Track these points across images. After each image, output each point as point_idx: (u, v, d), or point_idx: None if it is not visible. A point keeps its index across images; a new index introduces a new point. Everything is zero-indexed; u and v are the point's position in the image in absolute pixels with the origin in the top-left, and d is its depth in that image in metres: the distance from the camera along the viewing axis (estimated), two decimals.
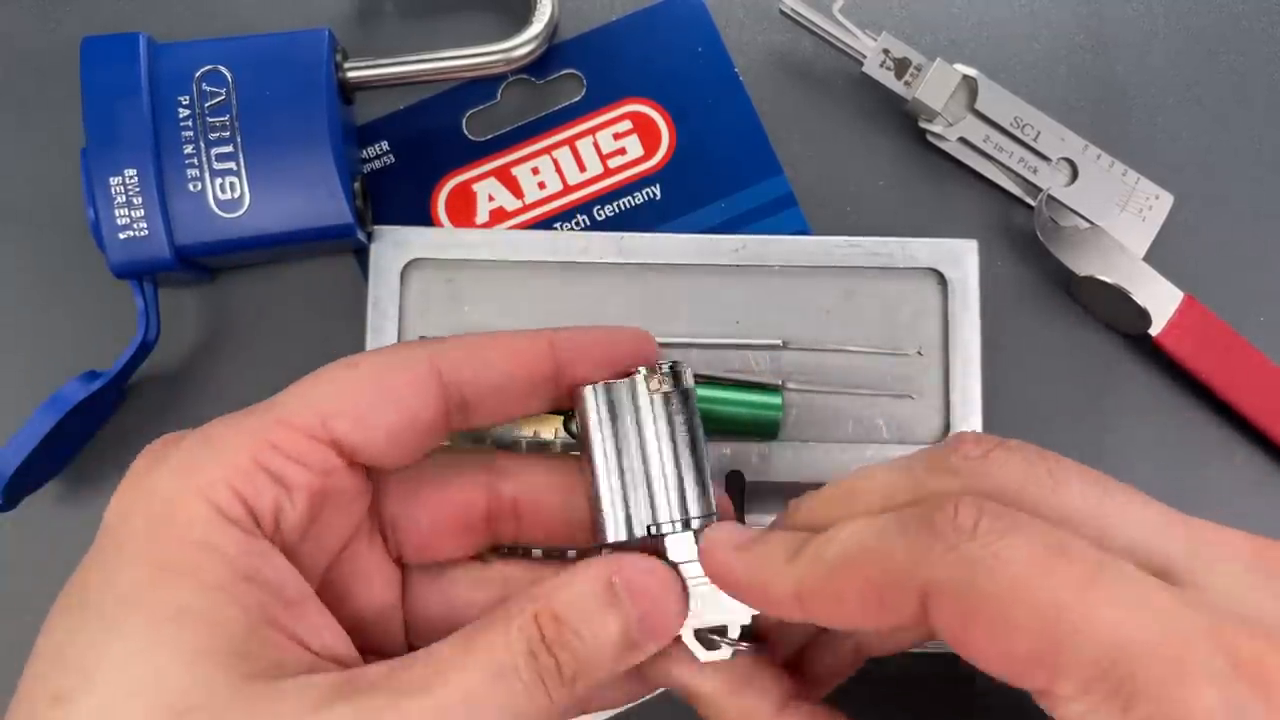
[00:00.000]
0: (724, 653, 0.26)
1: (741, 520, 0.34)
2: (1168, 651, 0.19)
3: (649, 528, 0.26)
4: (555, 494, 0.28)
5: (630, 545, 0.26)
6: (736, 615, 0.26)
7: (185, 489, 0.24)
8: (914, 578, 0.21)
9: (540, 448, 0.33)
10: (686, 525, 0.26)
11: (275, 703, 0.22)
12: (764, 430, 0.34)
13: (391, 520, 0.28)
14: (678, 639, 0.26)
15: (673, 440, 0.27)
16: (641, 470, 0.27)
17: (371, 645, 0.27)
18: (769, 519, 0.34)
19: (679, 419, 0.27)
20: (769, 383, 0.34)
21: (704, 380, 0.34)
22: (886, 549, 0.21)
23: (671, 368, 0.27)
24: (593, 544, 0.27)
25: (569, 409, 0.28)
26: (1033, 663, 0.20)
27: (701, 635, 0.26)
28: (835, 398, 0.35)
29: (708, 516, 0.27)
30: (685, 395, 0.27)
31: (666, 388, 0.27)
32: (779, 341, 0.35)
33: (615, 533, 0.27)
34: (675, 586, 0.26)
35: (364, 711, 0.22)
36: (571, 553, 0.31)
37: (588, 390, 0.27)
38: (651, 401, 0.27)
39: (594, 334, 0.28)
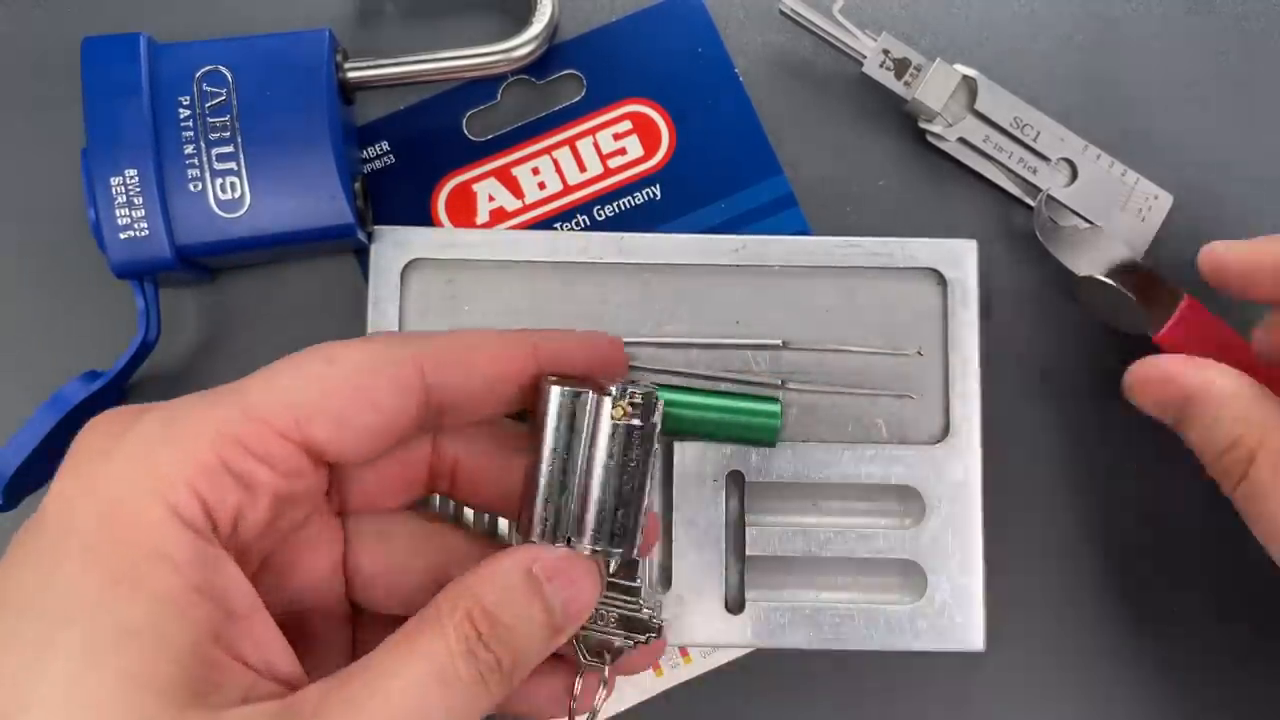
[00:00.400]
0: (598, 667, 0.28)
1: (742, 527, 0.34)
2: None
3: (570, 541, 0.27)
4: (494, 462, 0.28)
5: None
6: (630, 635, 0.28)
7: (140, 486, 0.22)
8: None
9: None
10: (606, 557, 0.27)
11: None
12: (762, 440, 0.34)
13: (338, 480, 0.27)
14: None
15: (620, 473, 0.27)
16: (581, 487, 0.27)
17: (315, 606, 0.27)
18: (769, 519, 0.34)
19: (634, 453, 0.27)
20: (768, 383, 0.34)
21: (703, 379, 0.35)
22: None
23: (644, 399, 0.26)
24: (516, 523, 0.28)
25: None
26: None
27: (591, 646, 0.28)
28: (835, 398, 0.35)
29: (628, 559, 0.28)
30: (648, 432, 0.27)
31: (633, 421, 0.26)
32: (779, 341, 0.35)
33: (539, 536, 0.27)
34: (591, 569, 0.26)
35: None
36: (502, 524, 0.32)
37: (555, 390, 0.27)
38: (613, 429, 0.26)
39: (575, 340, 0.28)
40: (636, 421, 0.26)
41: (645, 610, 0.28)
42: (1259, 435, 0.27)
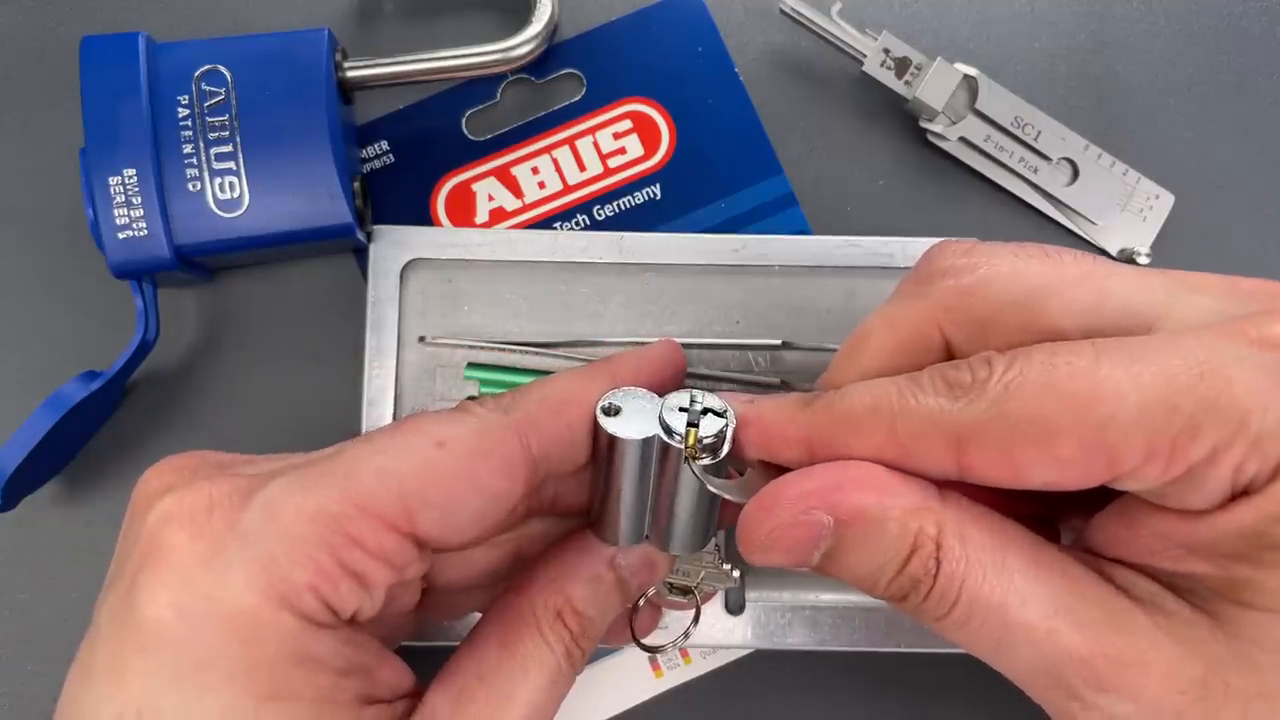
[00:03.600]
0: (661, 641, 0.31)
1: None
2: (1189, 376, 0.20)
3: (648, 538, 0.28)
4: (587, 479, 0.28)
5: None
6: (702, 582, 0.30)
7: (266, 599, 0.21)
8: (947, 426, 0.21)
9: None
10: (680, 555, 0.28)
11: None
12: None
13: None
14: None
15: (693, 494, 0.26)
16: (656, 511, 0.27)
17: (395, 615, 0.28)
18: None
19: (707, 482, 0.26)
20: (768, 382, 0.34)
21: (703, 380, 0.35)
22: (909, 403, 0.22)
23: (715, 439, 0.25)
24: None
25: None
26: (1089, 455, 0.21)
27: (675, 585, 0.30)
28: None
29: (701, 547, 0.28)
30: (720, 463, 0.26)
31: (705, 459, 0.25)
32: (779, 341, 0.35)
33: (626, 542, 0.28)
34: (663, 559, 0.28)
35: None
36: None
37: (625, 444, 0.25)
38: (683, 469, 0.25)
39: (648, 362, 0.28)
40: (708, 460, 0.25)
41: (722, 565, 0.30)
42: (935, 522, 0.22)
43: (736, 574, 0.30)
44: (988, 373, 0.21)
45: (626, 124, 0.37)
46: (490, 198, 0.37)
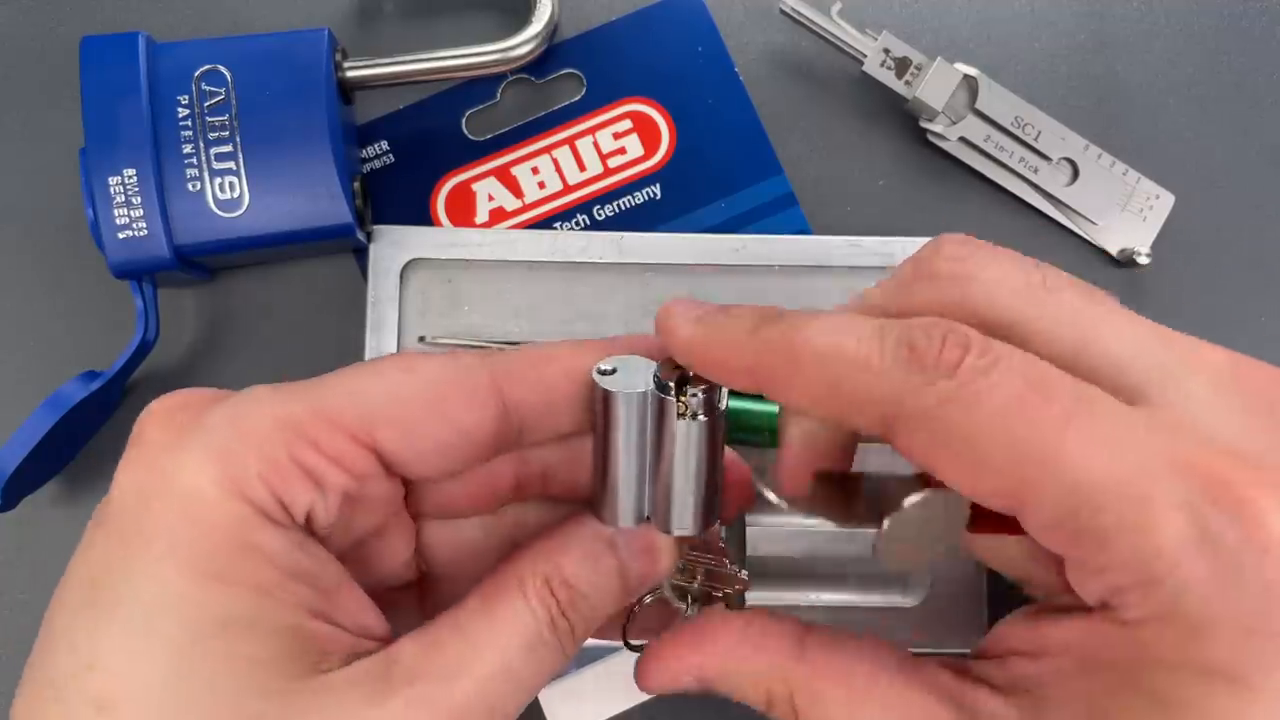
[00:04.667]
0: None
1: (742, 528, 0.34)
2: (1134, 489, 0.19)
3: (649, 519, 0.27)
4: (583, 459, 0.28)
5: None
6: (716, 587, 0.28)
7: (218, 483, 0.22)
8: (886, 399, 0.21)
9: None
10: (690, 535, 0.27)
11: (330, 702, 0.22)
12: (762, 441, 0.34)
13: (417, 491, 0.27)
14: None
15: (693, 462, 0.26)
16: (654, 479, 0.26)
17: (382, 580, 0.27)
18: (769, 520, 0.34)
19: (704, 444, 0.25)
20: None
21: None
22: (863, 359, 0.21)
23: (706, 395, 0.25)
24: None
25: None
26: (1002, 498, 0.20)
27: (677, 588, 0.28)
28: None
29: (711, 527, 0.27)
30: (715, 422, 0.25)
31: (700, 418, 0.25)
32: None
33: (625, 521, 0.26)
34: (669, 546, 0.27)
35: (413, 705, 0.22)
36: None
37: (619, 398, 0.25)
38: (678, 426, 0.25)
39: (639, 342, 0.27)
40: (702, 418, 0.25)
41: (730, 566, 0.28)
42: (782, 677, 0.24)
43: (745, 574, 0.29)
44: (957, 357, 0.20)
45: (626, 124, 0.37)
46: (490, 198, 0.37)
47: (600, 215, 0.37)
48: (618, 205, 0.37)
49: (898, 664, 0.24)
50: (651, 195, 0.37)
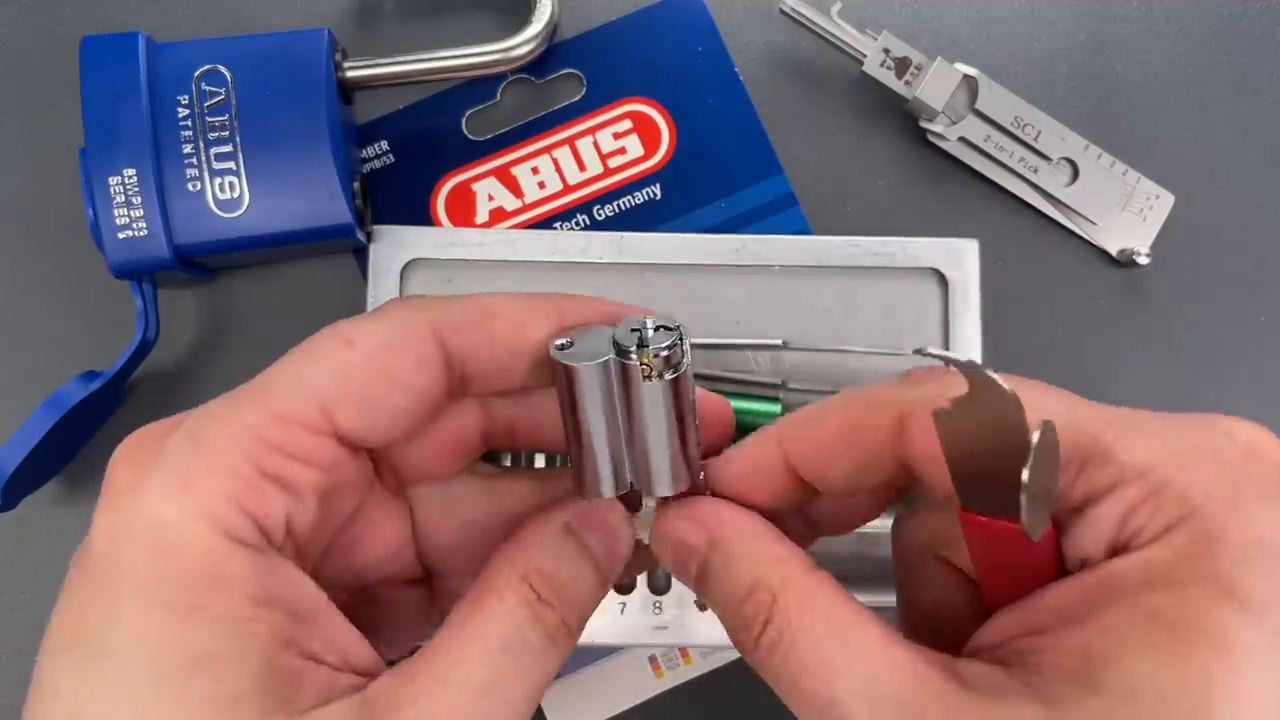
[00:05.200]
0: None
1: None
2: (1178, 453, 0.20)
3: (631, 488, 0.26)
4: (551, 407, 0.27)
5: None
6: None
7: (184, 512, 0.21)
8: (891, 405, 0.22)
9: None
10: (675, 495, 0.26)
11: None
12: None
13: (386, 460, 0.27)
14: None
15: (665, 419, 0.25)
16: (629, 444, 0.25)
17: (388, 578, 0.27)
18: None
19: (672, 399, 0.25)
20: (768, 381, 0.34)
21: (703, 380, 0.35)
22: (864, 395, 0.23)
23: (669, 350, 0.24)
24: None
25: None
26: None
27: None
28: None
29: (694, 478, 0.26)
30: (678, 378, 0.25)
31: (666, 375, 0.24)
32: (779, 341, 0.35)
33: (607, 491, 0.26)
34: (622, 516, 0.26)
35: None
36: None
37: (579, 371, 0.24)
38: (644, 388, 0.24)
39: (605, 309, 0.26)
40: (669, 375, 0.24)
41: None
42: (781, 573, 0.23)
43: None
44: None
45: (626, 124, 0.37)
46: (490, 198, 0.37)
47: (600, 215, 0.37)
48: (618, 205, 0.37)
49: (890, 626, 0.23)
50: (651, 195, 0.37)
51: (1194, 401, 0.37)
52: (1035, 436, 0.19)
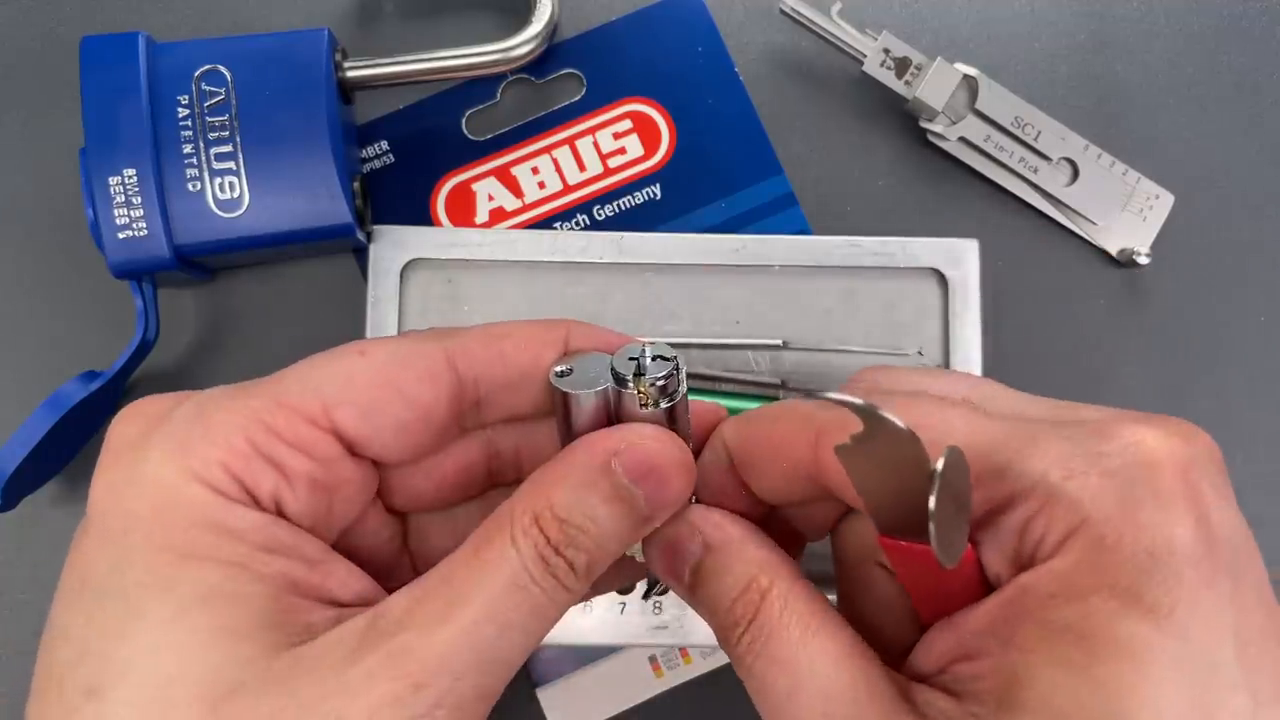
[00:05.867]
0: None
1: None
2: (1016, 442, 0.21)
3: None
4: (554, 443, 0.27)
5: None
6: None
7: (180, 473, 0.23)
8: (809, 422, 0.23)
9: None
10: None
11: (310, 667, 0.22)
12: None
13: (388, 485, 0.27)
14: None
15: None
16: None
17: (378, 578, 0.27)
18: None
19: (669, 426, 0.25)
20: (768, 381, 0.34)
21: (703, 380, 0.35)
22: (789, 408, 0.24)
23: (665, 380, 0.24)
24: None
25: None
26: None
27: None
28: None
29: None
30: (674, 407, 0.25)
31: (662, 404, 0.25)
32: (779, 341, 0.35)
33: None
34: (680, 454, 0.25)
35: (394, 657, 0.22)
36: None
37: (573, 399, 0.25)
38: (641, 416, 0.25)
39: (610, 339, 0.27)
40: (664, 404, 0.24)
41: None
42: (770, 575, 0.24)
43: None
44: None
45: (626, 124, 0.37)
46: (490, 198, 0.37)
47: (600, 215, 0.37)
48: (618, 205, 0.37)
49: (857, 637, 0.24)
50: (651, 195, 0.37)
51: (1194, 401, 0.37)
52: (940, 464, 0.19)
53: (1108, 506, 0.20)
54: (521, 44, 0.35)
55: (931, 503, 0.19)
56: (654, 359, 0.24)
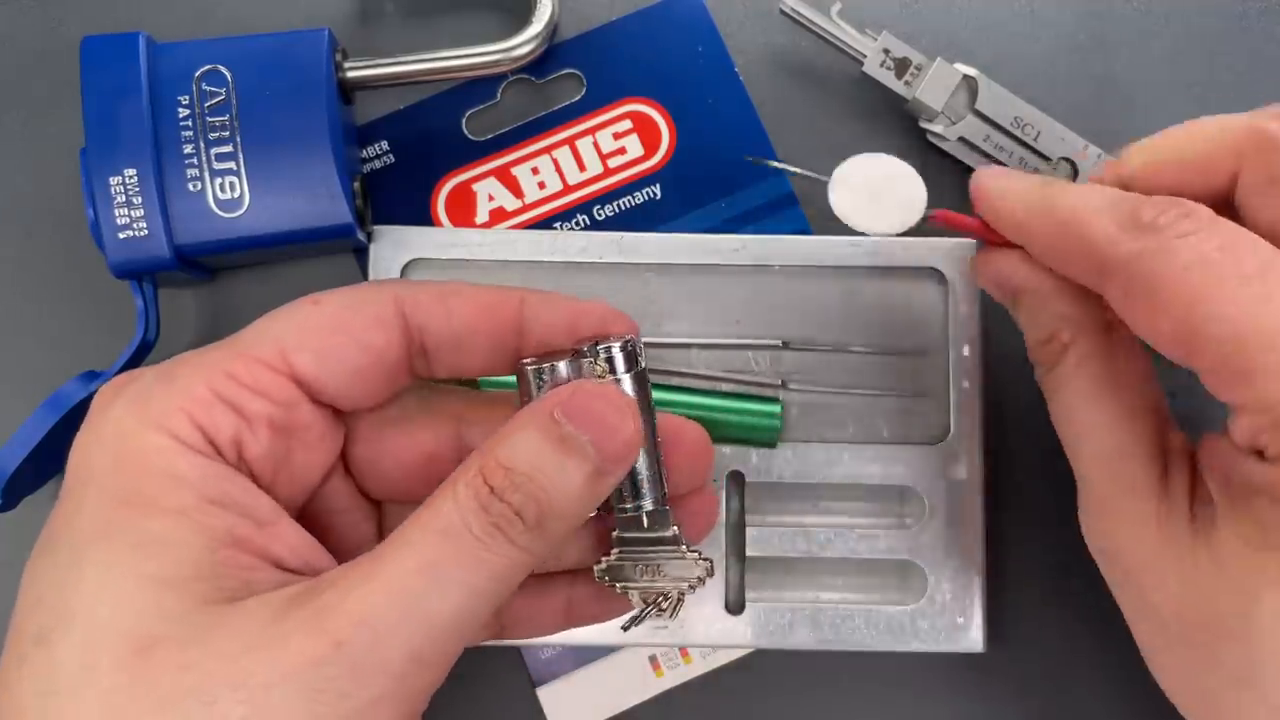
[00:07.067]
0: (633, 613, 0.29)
1: (742, 528, 0.34)
2: None
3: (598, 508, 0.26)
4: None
5: None
6: (675, 585, 0.28)
7: (142, 421, 0.23)
8: (1099, 249, 0.25)
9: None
10: (639, 509, 0.27)
11: (235, 622, 0.21)
12: (762, 441, 0.34)
13: (358, 466, 0.28)
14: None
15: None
16: None
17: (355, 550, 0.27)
18: (770, 520, 0.34)
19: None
20: (768, 383, 0.34)
21: (703, 379, 0.35)
22: (1094, 215, 0.26)
23: (609, 355, 0.25)
24: None
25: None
26: (1174, 341, 0.24)
27: (648, 597, 0.28)
28: (835, 398, 0.35)
29: (658, 498, 0.27)
30: (636, 378, 0.26)
31: (616, 378, 0.25)
32: (779, 341, 0.35)
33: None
34: (627, 404, 0.25)
35: (314, 614, 0.21)
36: None
37: (530, 372, 0.26)
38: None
39: (566, 305, 0.27)
40: (621, 373, 0.26)
41: (690, 554, 0.28)
42: (1073, 333, 0.28)
43: (706, 560, 0.28)
44: (1166, 220, 0.24)
45: (626, 124, 0.37)
46: (490, 198, 0.37)
47: (600, 215, 0.37)
48: (618, 205, 0.37)
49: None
50: (651, 195, 0.37)
51: (1194, 401, 0.37)
52: None
53: None
54: (521, 44, 0.35)
55: None
56: (613, 339, 0.26)
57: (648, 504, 0.27)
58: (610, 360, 0.26)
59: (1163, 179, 0.28)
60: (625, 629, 0.29)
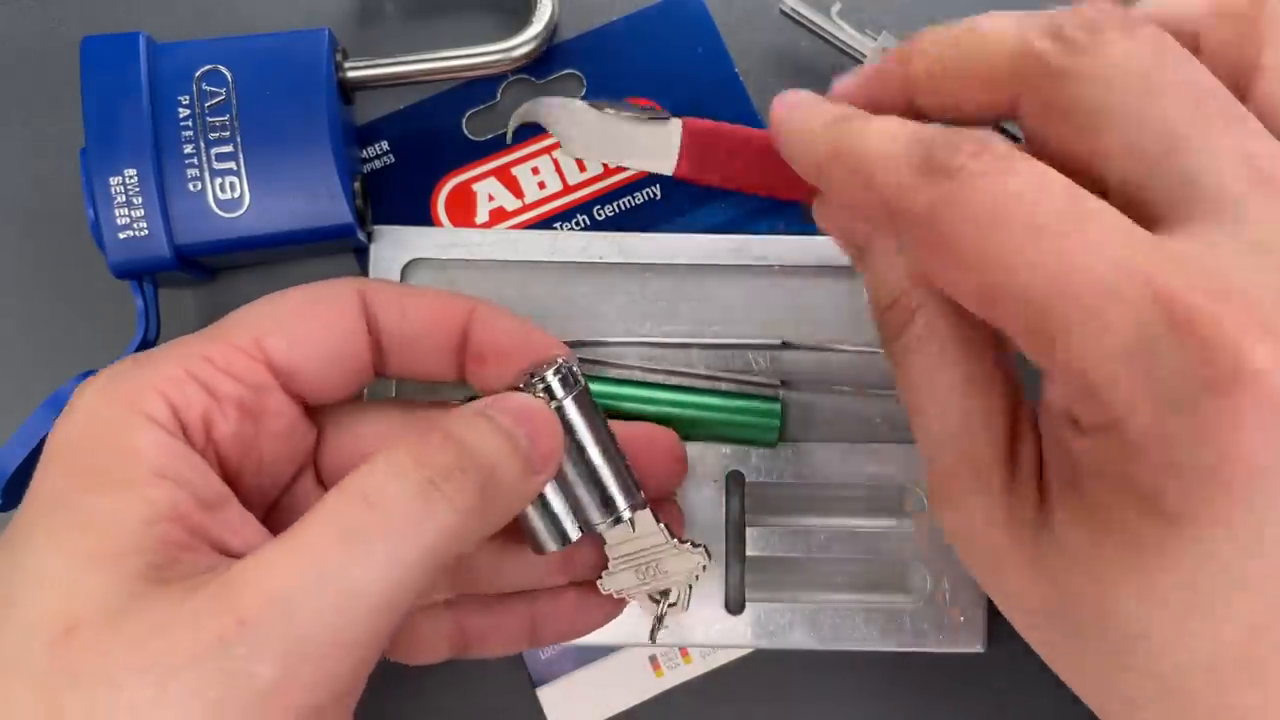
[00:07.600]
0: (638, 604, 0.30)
1: (742, 527, 0.34)
2: (1091, 301, 0.19)
3: (581, 529, 0.28)
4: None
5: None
6: (679, 578, 0.29)
7: (111, 399, 0.24)
8: (893, 196, 0.22)
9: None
10: (617, 520, 0.28)
11: (152, 603, 0.21)
12: (762, 441, 0.34)
13: (331, 475, 0.28)
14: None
15: (577, 446, 0.27)
16: (555, 481, 0.27)
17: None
18: (769, 520, 0.34)
19: (577, 424, 0.27)
20: (768, 383, 0.34)
21: (703, 379, 0.35)
22: (886, 159, 0.22)
23: (546, 384, 0.27)
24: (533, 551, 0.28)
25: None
26: (979, 302, 0.21)
27: (656, 596, 0.29)
28: (835, 398, 0.35)
29: (634, 503, 0.28)
30: (578, 400, 0.27)
31: (558, 404, 0.27)
32: (779, 341, 0.35)
33: (552, 545, 0.27)
34: (550, 415, 0.27)
35: (222, 591, 0.21)
36: None
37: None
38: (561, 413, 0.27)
39: (514, 327, 0.29)
40: (560, 398, 0.27)
41: (683, 546, 0.29)
42: (920, 297, 0.24)
43: (701, 546, 0.30)
44: (960, 160, 0.21)
45: None
46: (490, 198, 0.37)
47: (600, 215, 0.37)
48: (618, 205, 0.37)
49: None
50: (651, 195, 0.37)
51: None
52: None
53: (1146, 414, 0.19)
54: (522, 44, 0.35)
55: None
56: (545, 365, 0.27)
57: (625, 512, 0.28)
58: (549, 389, 0.27)
59: (951, 91, 0.24)
60: (652, 639, 0.30)
